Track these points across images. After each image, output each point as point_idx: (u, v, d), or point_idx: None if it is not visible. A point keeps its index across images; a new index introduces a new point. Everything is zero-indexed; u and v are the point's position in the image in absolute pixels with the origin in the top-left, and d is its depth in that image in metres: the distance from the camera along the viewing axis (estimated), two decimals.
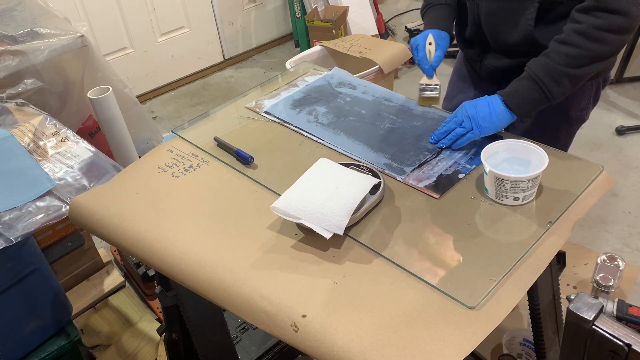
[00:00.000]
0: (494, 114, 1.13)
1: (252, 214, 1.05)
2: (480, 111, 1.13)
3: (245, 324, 1.68)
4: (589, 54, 1.08)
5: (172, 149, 1.27)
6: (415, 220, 1.00)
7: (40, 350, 1.46)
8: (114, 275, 2.00)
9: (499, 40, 1.29)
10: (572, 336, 0.76)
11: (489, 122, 1.13)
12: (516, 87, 1.14)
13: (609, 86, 3.02)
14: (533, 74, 1.12)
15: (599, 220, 2.19)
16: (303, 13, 3.64)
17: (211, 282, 0.93)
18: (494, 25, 1.28)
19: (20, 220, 1.26)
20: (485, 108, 1.14)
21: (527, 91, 1.12)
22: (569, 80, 1.11)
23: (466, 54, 1.47)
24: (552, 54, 1.11)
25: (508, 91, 1.15)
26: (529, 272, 0.89)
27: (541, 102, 1.13)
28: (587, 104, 1.37)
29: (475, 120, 1.13)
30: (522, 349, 1.63)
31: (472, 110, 1.14)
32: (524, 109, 1.13)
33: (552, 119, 1.35)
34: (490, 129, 1.14)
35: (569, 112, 1.35)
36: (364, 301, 0.85)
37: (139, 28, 3.28)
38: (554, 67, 1.10)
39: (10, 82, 1.96)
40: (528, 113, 1.14)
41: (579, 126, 1.41)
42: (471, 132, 1.14)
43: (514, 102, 1.13)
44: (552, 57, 1.11)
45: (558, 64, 1.10)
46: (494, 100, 1.15)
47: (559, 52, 1.10)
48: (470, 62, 1.47)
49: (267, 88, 1.48)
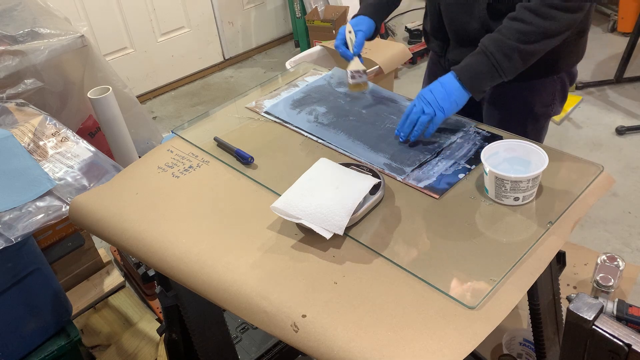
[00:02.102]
0: (451, 91, 1.15)
1: (252, 214, 1.05)
2: (437, 93, 1.15)
3: (245, 324, 1.68)
4: (539, 30, 1.11)
5: (172, 149, 1.27)
6: (415, 220, 1.00)
7: (40, 350, 1.46)
8: (114, 275, 2.00)
9: (459, 30, 1.31)
10: (572, 336, 0.76)
11: (449, 102, 1.15)
12: (468, 61, 1.16)
13: (609, 86, 3.02)
14: (485, 48, 1.14)
15: (599, 220, 2.19)
16: (303, 13, 3.64)
17: (211, 282, 0.93)
18: (453, 14, 1.30)
19: (20, 220, 1.26)
20: (440, 89, 1.16)
21: (478, 65, 1.14)
22: (519, 55, 1.12)
23: (431, 48, 1.49)
24: (503, 29, 1.13)
25: (461, 65, 1.17)
26: (529, 272, 0.89)
27: (492, 77, 1.15)
28: (551, 99, 1.39)
29: (435, 103, 1.15)
30: (522, 349, 1.63)
31: (429, 95, 1.16)
32: (476, 83, 1.15)
33: (519, 114, 1.39)
34: (453, 108, 1.16)
35: (534, 107, 1.38)
36: (364, 301, 0.85)
37: (139, 28, 3.28)
38: (505, 41, 1.12)
39: (10, 82, 1.96)
40: (480, 88, 1.16)
41: (545, 121, 1.43)
42: (436, 117, 1.15)
43: (466, 76, 1.15)
44: (503, 33, 1.13)
45: (509, 39, 1.12)
46: (446, 79, 1.17)
47: (510, 28, 1.12)
48: (436, 57, 1.49)
49: (267, 88, 1.48)
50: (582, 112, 2.87)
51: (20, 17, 2.09)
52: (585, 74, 3.19)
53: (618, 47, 3.29)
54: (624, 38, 3.33)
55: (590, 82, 3.06)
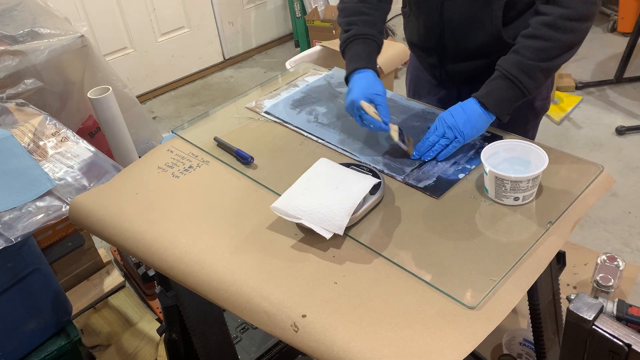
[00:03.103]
0: (472, 117, 1.12)
1: (252, 214, 1.05)
2: (458, 119, 1.12)
3: (245, 324, 1.68)
4: (559, 45, 1.09)
5: (172, 149, 1.27)
6: (415, 220, 1.00)
7: (40, 350, 1.46)
8: (114, 275, 2.00)
9: (463, 44, 1.27)
10: (572, 336, 0.76)
11: (470, 128, 1.12)
12: (491, 87, 1.13)
13: (609, 86, 3.02)
14: (507, 72, 1.11)
15: (599, 220, 2.19)
16: (303, 13, 3.64)
17: (211, 282, 0.93)
18: (459, 29, 1.25)
19: (20, 220, 1.26)
20: (462, 114, 1.13)
21: (503, 90, 1.12)
22: (542, 73, 1.11)
23: (423, 61, 1.43)
24: (522, 49, 1.10)
25: (483, 92, 1.13)
26: (529, 272, 0.89)
27: (518, 99, 1.13)
28: (547, 92, 1.39)
29: (456, 128, 1.12)
30: (522, 349, 1.63)
31: (451, 119, 1.13)
32: (502, 107, 1.13)
33: (521, 112, 1.36)
34: (473, 134, 1.13)
35: (534, 102, 1.37)
36: (364, 301, 0.85)
37: (139, 28, 3.28)
38: (526, 63, 1.10)
39: (10, 82, 1.96)
40: (506, 111, 1.14)
41: (543, 115, 1.43)
42: (455, 141, 1.12)
43: (492, 103, 1.12)
44: (522, 53, 1.10)
45: (530, 60, 1.09)
46: (468, 105, 1.14)
47: (529, 47, 1.10)
48: (427, 67, 1.43)
49: (267, 88, 1.48)
50: (582, 112, 2.87)
51: (20, 17, 2.09)
52: (585, 74, 3.19)
53: (618, 47, 3.29)
54: (624, 38, 3.33)
55: (590, 82, 3.06)
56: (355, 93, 1.15)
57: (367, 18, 1.25)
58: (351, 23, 1.25)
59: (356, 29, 1.23)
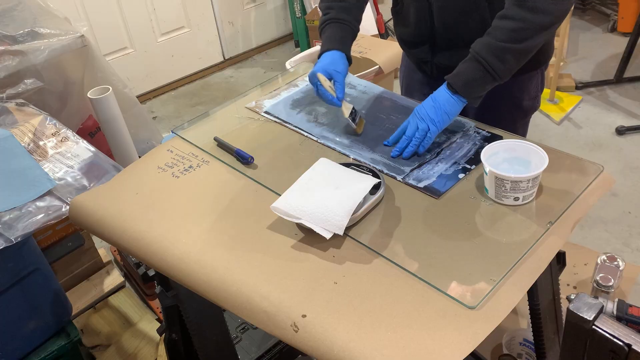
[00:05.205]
0: (442, 104, 1.13)
1: (252, 214, 1.05)
2: (428, 108, 1.14)
3: (245, 324, 1.68)
4: (531, 26, 1.07)
5: (172, 149, 1.27)
6: (415, 220, 1.00)
7: (40, 350, 1.46)
8: (114, 275, 2.00)
9: (453, 33, 1.28)
10: (572, 336, 0.76)
11: (441, 114, 1.13)
12: (460, 69, 1.13)
13: (609, 86, 3.02)
14: (476, 53, 1.10)
15: (599, 220, 2.19)
16: (303, 13, 3.64)
17: (211, 282, 0.93)
18: (449, 19, 1.26)
19: (20, 220, 1.26)
20: (431, 103, 1.14)
21: (471, 72, 1.11)
22: (512, 56, 1.09)
23: (412, 55, 1.44)
24: (493, 31, 1.10)
25: (453, 74, 1.14)
26: (529, 272, 0.89)
27: (486, 82, 1.12)
28: (536, 92, 1.39)
29: (427, 117, 1.13)
30: (522, 349, 1.63)
31: (422, 110, 1.14)
32: (470, 90, 1.12)
33: (508, 111, 1.37)
34: (445, 120, 1.14)
35: (522, 102, 1.37)
36: (364, 301, 0.85)
37: (139, 28, 3.28)
38: (495, 44, 1.08)
39: (10, 82, 1.96)
40: (475, 94, 1.13)
41: (532, 114, 1.43)
42: (430, 131, 1.13)
43: (460, 84, 1.12)
44: (493, 35, 1.09)
45: (500, 41, 1.08)
46: (438, 92, 1.15)
47: (501, 28, 1.09)
48: (417, 64, 1.44)
49: (267, 88, 1.48)
50: (582, 112, 2.87)
51: (20, 17, 2.09)
52: (585, 74, 3.19)
53: (618, 47, 3.29)
54: (624, 38, 3.33)
55: (590, 82, 3.06)
56: (317, 66, 1.27)
57: (344, 4, 1.33)
58: (330, 7, 1.34)
59: (333, 14, 1.33)
